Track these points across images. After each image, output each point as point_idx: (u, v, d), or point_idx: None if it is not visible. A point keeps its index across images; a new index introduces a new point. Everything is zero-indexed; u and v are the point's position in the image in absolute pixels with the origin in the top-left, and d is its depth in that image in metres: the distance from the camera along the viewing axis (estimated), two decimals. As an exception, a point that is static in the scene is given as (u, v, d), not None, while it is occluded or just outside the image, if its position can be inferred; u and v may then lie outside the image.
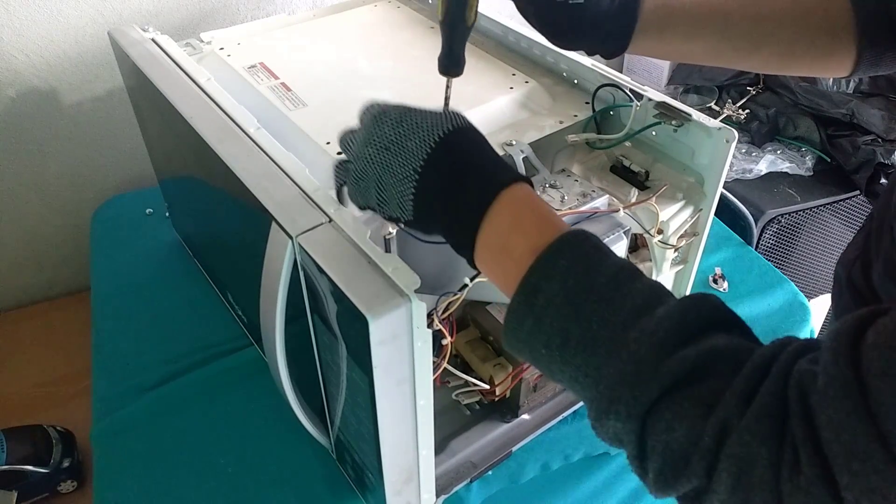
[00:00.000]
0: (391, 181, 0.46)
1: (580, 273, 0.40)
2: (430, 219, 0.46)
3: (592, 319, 0.38)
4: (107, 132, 1.14)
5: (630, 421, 0.36)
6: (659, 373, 0.36)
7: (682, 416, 0.35)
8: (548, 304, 0.40)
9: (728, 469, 0.33)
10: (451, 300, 0.61)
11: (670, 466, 0.35)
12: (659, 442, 0.36)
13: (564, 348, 0.39)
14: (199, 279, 0.94)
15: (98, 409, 0.80)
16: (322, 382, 0.61)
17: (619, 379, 0.37)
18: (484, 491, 0.74)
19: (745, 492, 0.33)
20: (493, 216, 0.43)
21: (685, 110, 0.67)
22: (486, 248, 0.44)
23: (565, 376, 0.40)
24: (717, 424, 0.34)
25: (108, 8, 1.05)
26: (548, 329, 0.40)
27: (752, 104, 1.36)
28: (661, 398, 0.36)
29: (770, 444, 0.32)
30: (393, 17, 0.91)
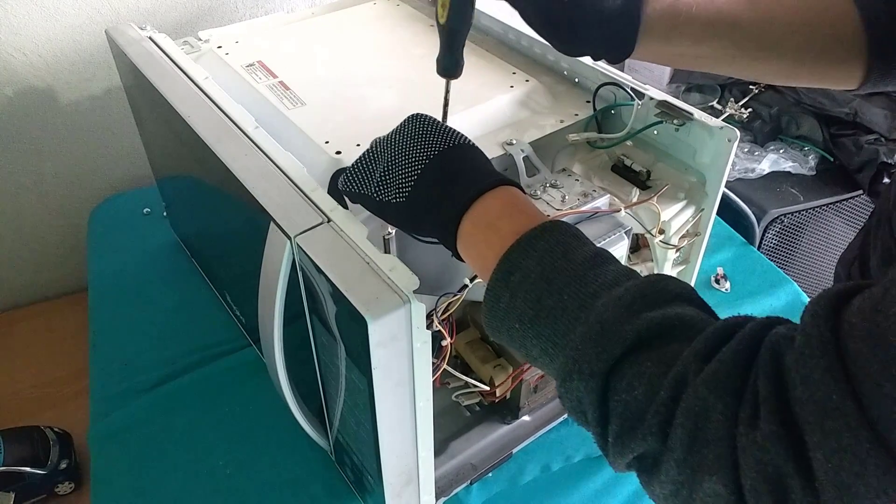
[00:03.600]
0: (402, 162, 0.49)
1: (557, 254, 0.42)
2: (424, 198, 0.48)
3: (564, 292, 0.40)
4: (104, 131, 1.14)
5: (593, 379, 0.37)
6: (623, 331, 0.36)
7: (643, 375, 0.35)
8: (523, 280, 0.41)
9: (683, 424, 0.33)
10: (451, 301, 0.60)
11: (628, 427, 0.36)
12: (619, 402, 0.36)
13: (536, 321, 0.41)
14: (197, 279, 0.94)
15: (96, 410, 0.80)
16: (321, 384, 0.61)
17: (584, 338, 0.38)
18: (484, 493, 0.73)
19: (699, 448, 0.33)
20: (486, 199, 0.46)
21: (687, 109, 0.66)
22: (473, 224, 0.46)
23: (536, 350, 0.41)
24: (674, 379, 0.34)
25: (105, 6, 1.04)
26: (521, 304, 0.41)
27: (755, 103, 1.36)
28: (624, 358, 0.36)
29: (726, 400, 0.32)
30: (392, 15, 0.90)
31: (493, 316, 0.44)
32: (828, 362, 0.29)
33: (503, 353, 0.73)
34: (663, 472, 0.34)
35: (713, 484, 0.32)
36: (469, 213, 0.46)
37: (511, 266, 0.42)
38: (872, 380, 0.28)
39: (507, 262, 0.43)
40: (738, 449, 0.31)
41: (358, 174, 0.52)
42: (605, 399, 0.37)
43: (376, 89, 0.74)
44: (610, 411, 0.37)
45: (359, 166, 0.52)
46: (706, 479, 0.32)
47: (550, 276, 0.41)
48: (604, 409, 0.37)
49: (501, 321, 0.43)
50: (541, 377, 0.74)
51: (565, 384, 0.39)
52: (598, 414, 0.37)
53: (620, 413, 0.36)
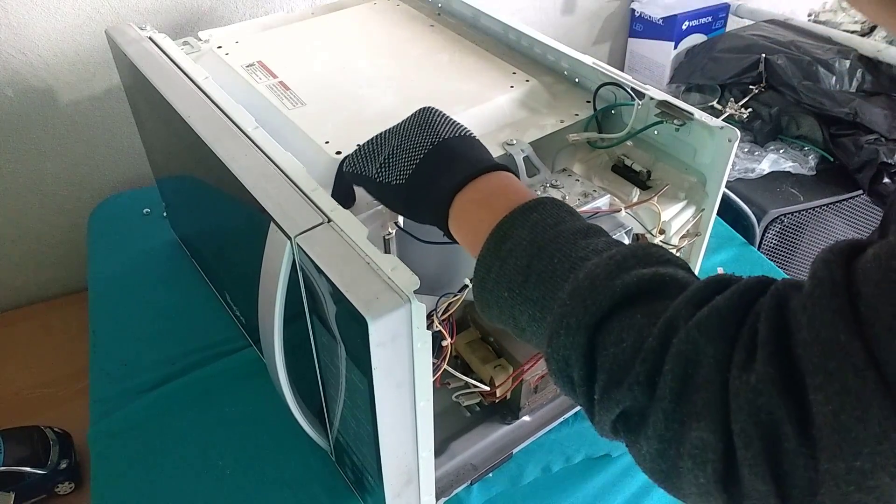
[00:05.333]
0: (407, 147, 0.51)
1: (549, 225, 0.42)
2: (423, 180, 0.50)
3: (555, 257, 0.40)
4: (104, 131, 1.14)
5: (580, 333, 0.36)
6: (613, 286, 0.36)
7: (632, 326, 0.35)
8: (514, 248, 0.42)
9: (672, 370, 0.32)
10: (451, 301, 0.60)
11: (615, 379, 0.35)
12: (606, 356, 0.35)
13: (525, 286, 0.41)
14: (197, 279, 0.93)
15: (96, 410, 0.80)
16: (321, 384, 0.61)
17: (572, 294, 0.37)
18: (484, 493, 0.73)
19: (688, 394, 0.32)
20: (480, 180, 0.47)
21: (687, 109, 0.66)
22: (467, 201, 0.47)
23: (525, 318, 0.41)
24: (664, 325, 0.33)
25: (105, 6, 1.04)
26: (511, 271, 0.41)
27: (755, 103, 1.36)
28: (613, 312, 0.36)
29: (718, 344, 0.32)
30: (392, 15, 0.90)
31: (482, 287, 0.44)
32: (838, 304, 0.29)
33: (503, 353, 0.73)
34: (650, 425, 0.34)
35: (701, 431, 0.31)
36: (463, 191, 0.47)
37: (502, 236, 0.43)
38: (884, 323, 0.27)
39: (499, 232, 0.43)
40: (729, 393, 0.31)
41: (362, 157, 0.54)
42: (592, 354, 0.36)
43: (376, 89, 0.74)
44: (597, 366, 0.36)
45: (364, 150, 0.54)
46: (694, 428, 0.32)
47: (542, 244, 0.41)
48: (590, 366, 0.36)
49: (491, 292, 0.43)
50: (541, 377, 0.74)
51: (552, 343, 0.38)
52: (585, 371, 0.36)
53: (608, 367, 0.35)
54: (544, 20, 1.48)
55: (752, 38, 1.43)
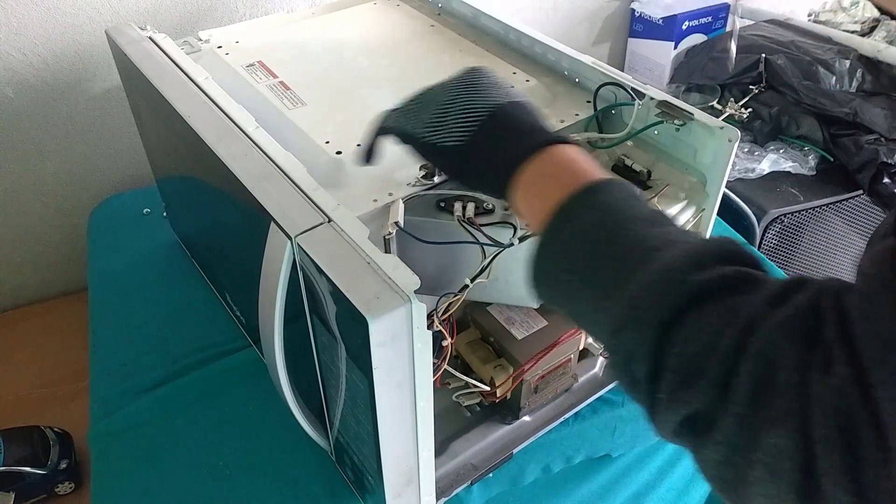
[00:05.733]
0: (459, 109, 0.49)
1: (618, 208, 0.40)
2: (483, 144, 0.48)
3: (624, 243, 0.38)
4: (104, 131, 1.14)
5: (651, 329, 0.34)
6: (690, 282, 0.34)
7: (706, 325, 0.33)
8: (579, 229, 0.40)
9: (750, 371, 0.31)
10: (452, 301, 0.60)
11: (685, 380, 0.33)
12: (676, 355, 0.33)
13: (589, 270, 0.39)
14: (197, 279, 0.93)
15: (96, 411, 0.80)
16: (321, 384, 0.61)
17: (645, 287, 0.35)
18: (485, 493, 0.73)
19: (766, 398, 0.30)
20: (550, 150, 0.45)
21: (687, 109, 0.66)
22: (534, 173, 0.45)
23: (585, 304, 0.39)
24: (741, 324, 0.32)
25: (105, 6, 1.04)
26: (574, 253, 0.40)
27: (755, 103, 1.36)
28: (687, 309, 0.34)
29: (800, 345, 0.30)
30: (392, 15, 0.90)
31: (540, 268, 0.42)
32: (891, 297, 0.28)
33: (503, 353, 0.73)
34: (720, 430, 0.32)
35: (778, 438, 0.30)
36: (530, 162, 0.45)
37: (568, 215, 0.41)
38: None
39: (565, 212, 0.41)
40: (810, 397, 0.29)
41: (407, 114, 0.53)
42: (660, 352, 0.34)
43: (376, 89, 0.74)
44: (665, 365, 0.34)
45: (413, 104, 0.53)
46: (770, 434, 0.30)
47: (610, 227, 0.39)
48: (657, 364, 0.34)
49: (549, 273, 0.41)
50: (541, 377, 0.74)
51: (616, 336, 0.36)
52: (651, 369, 0.34)
53: (676, 366, 0.33)
54: (544, 20, 1.48)
55: (752, 38, 1.43)
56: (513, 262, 0.65)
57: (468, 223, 0.61)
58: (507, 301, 0.72)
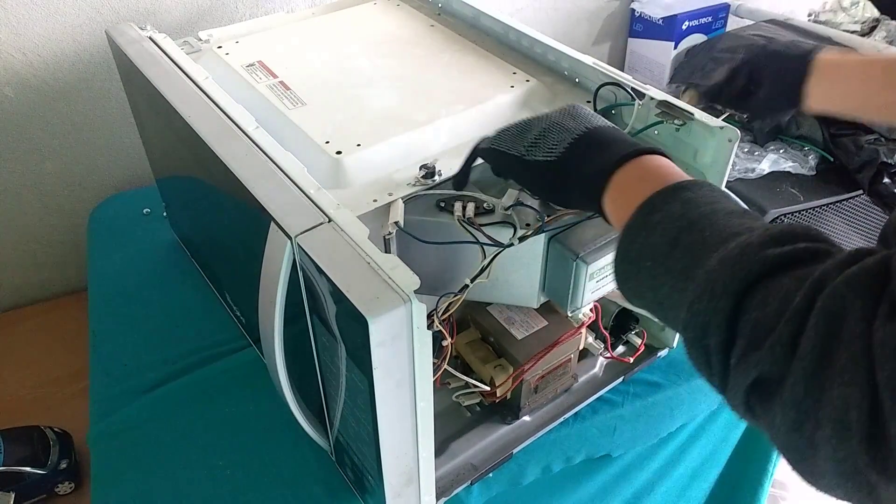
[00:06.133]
0: (558, 129, 0.54)
1: (703, 203, 0.42)
2: (577, 157, 0.52)
3: (706, 230, 0.39)
4: (104, 131, 1.14)
5: (724, 298, 0.35)
6: (765, 255, 0.35)
7: (779, 290, 0.34)
8: (663, 220, 0.42)
9: (816, 325, 0.31)
10: (452, 301, 0.60)
11: (755, 342, 0.34)
12: (748, 321, 0.34)
13: (670, 256, 0.40)
14: (197, 280, 0.93)
15: (96, 411, 0.80)
16: (321, 384, 0.61)
17: (720, 261, 0.37)
18: (484, 493, 0.73)
19: (832, 350, 0.31)
20: (644, 158, 0.48)
21: (687, 109, 0.66)
22: (626, 177, 0.48)
23: (666, 288, 0.40)
24: (811, 286, 0.32)
25: (105, 6, 1.04)
26: (658, 240, 0.41)
27: (754, 103, 1.35)
28: (761, 280, 0.35)
29: (866, 299, 0.31)
30: (393, 15, 0.90)
31: (624, 258, 0.44)
32: None
33: (503, 353, 0.73)
34: (788, 389, 0.32)
35: (843, 388, 0.30)
36: (623, 168, 0.48)
37: (652, 208, 0.43)
38: None
39: (649, 205, 0.43)
40: (874, 344, 0.30)
41: (509, 136, 0.56)
42: (733, 320, 0.35)
43: (376, 89, 0.74)
44: (737, 332, 0.35)
45: (509, 131, 0.57)
46: (836, 385, 0.30)
47: (693, 217, 0.41)
48: (730, 332, 0.35)
49: (633, 263, 0.43)
50: (541, 377, 0.74)
51: (692, 309, 0.37)
52: (724, 338, 0.35)
53: (748, 331, 0.34)
54: (544, 20, 1.48)
55: (752, 38, 1.42)
56: (513, 262, 0.65)
57: (468, 223, 0.61)
58: (507, 301, 0.72)
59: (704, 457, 0.94)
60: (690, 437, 0.89)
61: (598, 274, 0.64)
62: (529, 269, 0.66)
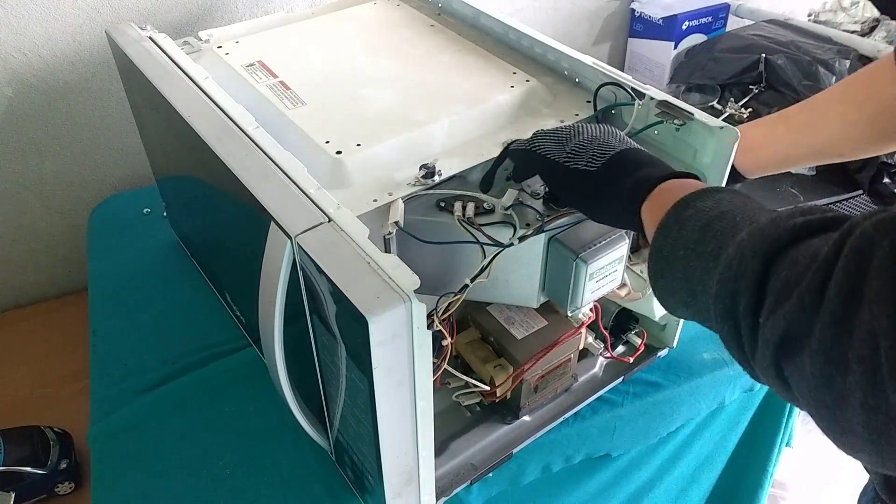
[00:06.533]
0: (600, 143, 0.55)
1: (735, 201, 0.43)
2: (618, 169, 0.53)
3: (737, 216, 0.41)
4: (104, 131, 1.14)
5: (754, 260, 0.36)
6: (793, 222, 0.36)
7: (808, 249, 0.34)
8: (695, 213, 0.43)
9: (844, 267, 0.31)
10: (452, 301, 0.60)
11: (784, 295, 0.34)
12: (778, 279, 0.35)
13: (702, 242, 0.41)
14: (197, 279, 0.93)
15: (96, 410, 0.80)
16: (321, 383, 0.61)
17: (751, 232, 0.38)
18: (484, 493, 0.73)
19: (859, 286, 0.30)
20: (686, 180, 0.50)
21: (687, 109, 0.66)
22: (673, 187, 0.49)
23: (698, 272, 0.41)
24: (842, 234, 0.33)
25: (105, 6, 1.04)
26: (689, 231, 0.43)
27: (755, 103, 1.35)
28: (790, 245, 0.35)
29: (893, 235, 0.30)
30: (392, 15, 0.90)
31: (658, 255, 0.45)
32: None
33: (503, 353, 0.73)
34: (816, 338, 0.32)
35: (871, 322, 0.29)
36: (666, 182, 0.50)
37: (685, 205, 0.44)
38: None
39: (683, 203, 0.45)
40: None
41: (547, 141, 0.57)
42: (763, 282, 0.35)
43: (376, 89, 0.74)
44: (767, 292, 0.35)
45: (549, 135, 0.58)
46: (864, 320, 0.30)
47: (724, 209, 0.42)
48: (760, 295, 0.35)
49: (666, 258, 0.44)
50: (541, 377, 0.74)
51: (722, 277, 0.38)
52: (753, 301, 0.36)
53: (778, 289, 0.34)
54: (544, 20, 1.48)
55: (752, 38, 1.42)
56: (513, 262, 0.65)
57: (468, 223, 0.61)
58: (507, 301, 0.72)
59: (704, 457, 0.94)
60: (690, 437, 0.89)
61: (597, 274, 0.64)
62: (529, 269, 0.66)
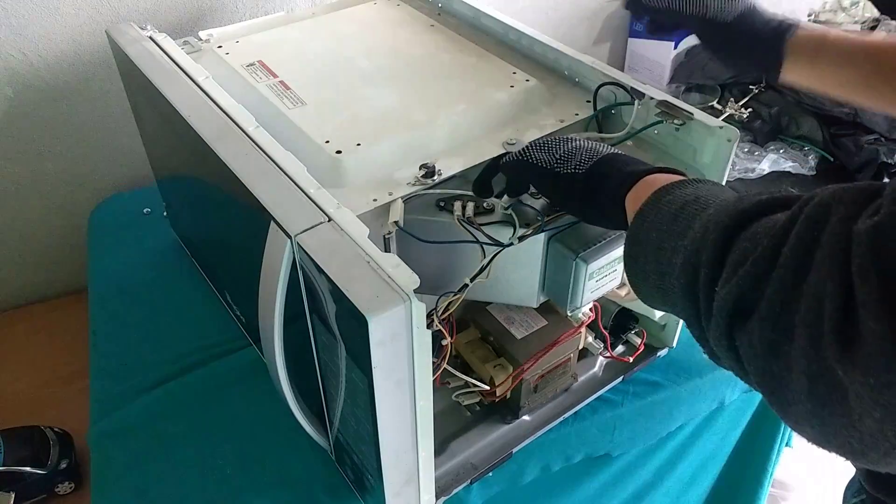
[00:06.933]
0: (585, 150, 0.57)
1: (713, 189, 0.44)
2: (603, 170, 0.55)
3: (710, 199, 0.42)
4: (104, 131, 1.14)
5: (716, 232, 0.37)
6: (759, 199, 0.37)
7: (769, 222, 0.35)
8: (672, 200, 0.44)
9: (798, 233, 0.31)
10: (451, 300, 0.60)
11: (739, 262, 0.34)
12: (737, 249, 0.35)
13: (675, 220, 0.42)
14: (197, 279, 0.93)
15: (96, 410, 0.80)
16: (321, 383, 0.61)
17: (717, 208, 0.39)
18: (484, 492, 0.73)
19: (811, 253, 0.30)
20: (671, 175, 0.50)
21: (687, 109, 0.66)
22: (656, 179, 0.50)
23: (669, 251, 0.42)
24: (798, 206, 0.33)
25: (105, 6, 1.04)
26: (664, 214, 0.44)
27: (755, 103, 1.35)
28: (754, 218, 0.36)
29: (849, 206, 0.31)
30: (392, 15, 0.90)
31: (633, 240, 0.46)
32: None
33: (503, 353, 0.73)
34: (765, 303, 0.32)
35: (819, 284, 0.30)
36: (651, 175, 0.50)
37: (666, 192, 0.45)
38: None
39: (664, 189, 0.46)
40: (852, 237, 0.29)
41: (537, 149, 0.59)
42: (724, 254, 0.36)
43: (376, 89, 0.74)
44: (727, 263, 0.35)
45: (538, 145, 0.59)
46: (812, 284, 0.30)
47: (700, 194, 0.43)
48: (719, 267, 0.36)
49: (641, 244, 0.45)
50: (541, 377, 0.74)
51: (687, 251, 0.39)
52: (712, 271, 0.36)
53: (735, 259, 0.35)
54: (544, 20, 1.48)
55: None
56: (512, 262, 0.65)
57: (468, 223, 0.61)
58: (506, 301, 0.72)
59: (704, 457, 0.94)
60: (690, 437, 0.89)
61: (597, 273, 0.64)
62: (529, 268, 0.66)
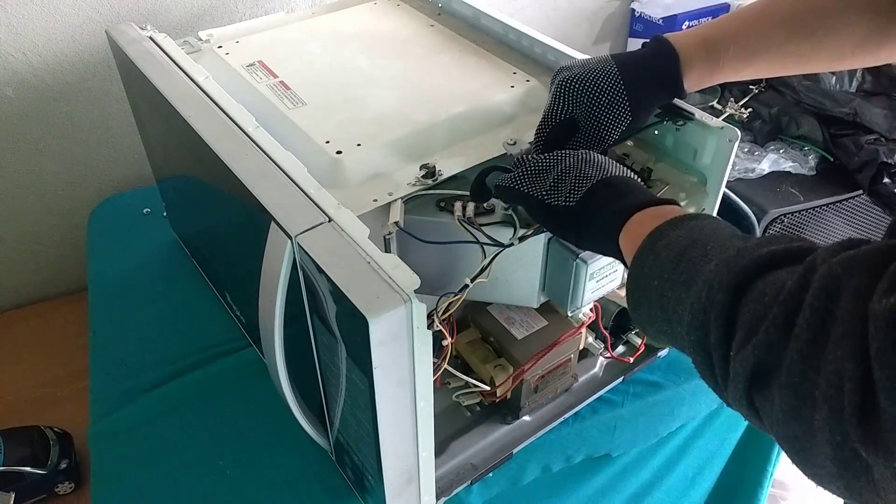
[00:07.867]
0: (577, 175, 0.54)
1: (707, 228, 0.44)
2: (597, 203, 0.53)
3: (708, 246, 0.41)
4: (104, 131, 1.14)
5: (721, 292, 0.36)
6: (759, 253, 0.37)
7: (774, 282, 0.35)
8: (669, 244, 0.44)
9: (811, 304, 0.31)
10: (452, 301, 0.60)
11: (752, 328, 0.34)
12: (747, 312, 0.35)
13: (676, 270, 0.42)
14: (198, 279, 0.93)
15: (96, 410, 0.80)
16: (321, 383, 0.61)
17: (719, 263, 0.39)
18: (484, 493, 0.73)
19: (827, 327, 0.31)
20: (661, 207, 0.50)
21: (687, 109, 0.66)
22: (646, 216, 0.49)
23: (672, 301, 0.42)
24: (805, 268, 0.33)
25: (105, 6, 1.04)
26: (663, 260, 0.43)
27: (755, 103, 1.35)
28: (758, 276, 0.36)
29: (862, 277, 0.31)
30: (392, 15, 0.90)
31: (635, 285, 0.45)
32: None
33: (503, 353, 0.73)
34: (784, 373, 0.32)
35: (837, 362, 0.30)
36: (642, 212, 0.49)
37: (659, 235, 0.45)
38: None
39: (656, 233, 0.45)
40: (868, 317, 0.29)
41: (527, 177, 0.56)
42: (732, 313, 0.36)
43: (376, 89, 0.74)
44: (737, 325, 0.36)
45: (528, 168, 0.57)
46: (831, 361, 0.30)
47: (696, 237, 0.43)
48: (730, 327, 0.36)
49: (643, 289, 0.45)
50: (541, 377, 0.74)
51: (693, 308, 0.38)
52: (723, 332, 0.36)
53: (746, 321, 0.35)
54: (544, 20, 1.48)
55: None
56: (513, 262, 0.65)
57: (468, 223, 0.61)
58: (507, 301, 0.72)
59: (704, 457, 0.94)
60: (690, 437, 0.89)
61: (597, 274, 0.64)
62: (529, 269, 0.66)
